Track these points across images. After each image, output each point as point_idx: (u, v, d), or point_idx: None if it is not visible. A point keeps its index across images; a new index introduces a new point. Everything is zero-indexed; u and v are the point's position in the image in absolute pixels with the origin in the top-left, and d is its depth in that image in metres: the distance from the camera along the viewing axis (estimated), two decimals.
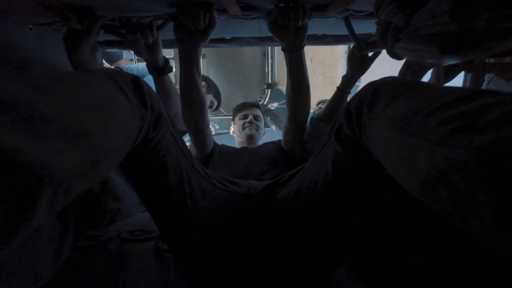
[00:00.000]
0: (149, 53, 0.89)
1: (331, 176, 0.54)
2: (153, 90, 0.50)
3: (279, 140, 1.16)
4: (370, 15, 0.87)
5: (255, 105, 1.35)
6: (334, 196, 0.55)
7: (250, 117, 1.27)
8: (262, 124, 1.31)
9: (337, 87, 1.04)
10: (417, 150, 0.31)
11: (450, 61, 0.47)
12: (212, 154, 1.05)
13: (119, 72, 0.45)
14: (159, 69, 0.93)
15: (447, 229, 0.46)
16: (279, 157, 1.05)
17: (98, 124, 0.32)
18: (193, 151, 1.08)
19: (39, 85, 0.29)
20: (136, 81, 0.46)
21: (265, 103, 2.28)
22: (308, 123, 1.06)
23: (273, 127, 2.22)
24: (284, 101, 1.03)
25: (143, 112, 0.44)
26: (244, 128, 1.25)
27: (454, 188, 0.26)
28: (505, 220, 0.22)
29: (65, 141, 0.27)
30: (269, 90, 2.21)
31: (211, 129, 2.40)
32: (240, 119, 1.29)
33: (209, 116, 2.17)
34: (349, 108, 0.47)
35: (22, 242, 0.25)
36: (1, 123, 0.22)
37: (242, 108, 1.33)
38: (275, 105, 2.35)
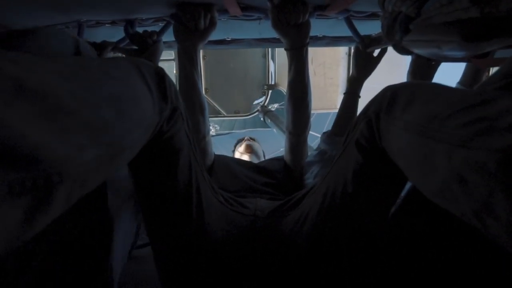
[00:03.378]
0: (142, 56, 0.88)
1: (351, 189, 0.49)
2: (174, 84, 0.48)
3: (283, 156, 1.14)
4: (370, 16, 0.88)
5: (250, 138, 1.60)
6: (353, 214, 0.50)
7: (246, 138, 1.52)
8: (257, 144, 1.52)
9: (345, 92, 1.00)
10: (435, 153, 0.30)
11: (472, 51, 0.43)
12: (213, 166, 0.98)
13: (145, 62, 0.44)
14: None
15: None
16: (280, 174, 0.99)
17: (119, 117, 0.32)
18: None
19: (66, 73, 0.29)
20: (160, 73, 0.44)
21: (265, 104, 2.28)
22: (320, 141, 1.01)
23: (274, 130, 2.23)
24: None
25: (163, 106, 0.43)
26: (242, 145, 1.45)
27: (472, 189, 0.26)
28: None
29: (86, 135, 0.27)
30: (270, 91, 2.21)
31: (212, 130, 2.40)
32: (238, 143, 1.53)
33: (209, 117, 2.18)
34: (368, 114, 0.45)
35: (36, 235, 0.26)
36: (28, 115, 0.22)
37: (239, 142, 1.56)
38: (275, 106, 2.35)
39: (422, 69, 0.89)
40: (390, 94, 0.43)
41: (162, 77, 0.44)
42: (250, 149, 1.38)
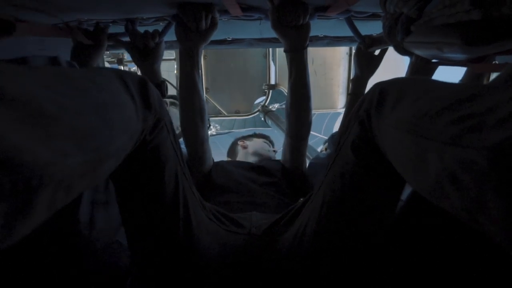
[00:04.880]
0: (147, 59, 0.88)
1: (350, 194, 0.47)
2: (158, 93, 0.49)
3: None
4: (371, 16, 0.87)
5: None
6: (354, 219, 0.48)
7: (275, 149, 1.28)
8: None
9: (349, 93, 1.00)
10: (426, 151, 0.30)
11: (473, 54, 0.43)
12: (211, 173, 0.94)
13: (128, 72, 0.45)
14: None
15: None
16: (279, 175, 0.96)
17: (104, 124, 0.32)
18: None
19: (48, 82, 0.29)
20: (142, 81, 0.45)
21: (266, 104, 2.28)
22: (327, 143, 1.00)
23: (275, 131, 2.22)
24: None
25: (147, 114, 0.43)
26: (268, 151, 1.25)
27: (464, 188, 0.26)
28: None
29: (70, 141, 0.27)
30: (270, 91, 2.21)
31: (212, 130, 2.40)
32: (265, 143, 1.29)
33: (209, 117, 2.18)
34: (359, 113, 0.45)
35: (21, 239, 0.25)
36: (8, 121, 0.22)
37: (266, 137, 1.36)
38: (276, 106, 2.35)
39: (420, 71, 0.89)
40: (379, 91, 0.42)
41: (145, 86, 0.44)
42: (265, 158, 1.18)
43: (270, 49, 2.11)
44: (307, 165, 1.04)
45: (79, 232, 0.59)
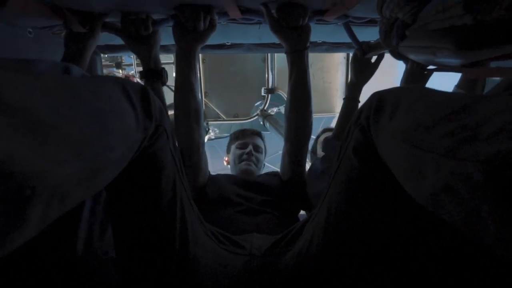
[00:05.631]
0: (142, 46, 0.85)
1: (358, 204, 0.46)
2: (159, 101, 0.48)
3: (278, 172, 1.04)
4: (369, 22, 0.88)
5: (256, 133, 1.17)
6: (363, 231, 0.46)
7: (250, 148, 1.09)
8: (262, 157, 1.14)
9: (344, 97, 1.00)
10: (422, 162, 0.31)
11: (466, 59, 0.43)
12: (206, 188, 0.89)
13: (129, 81, 0.44)
14: (150, 71, 0.87)
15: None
16: (277, 191, 0.91)
17: (102, 133, 0.32)
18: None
19: (48, 90, 0.29)
20: (144, 90, 0.45)
21: (265, 108, 2.29)
22: (322, 144, 0.98)
23: (274, 135, 2.23)
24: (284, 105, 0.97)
25: (147, 123, 0.42)
26: (241, 161, 1.07)
27: (460, 199, 0.26)
28: (510, 231, 0.23)
29: (66, 149, 0.27)
30: (269, 95, 2.22)
31: (211, 134, 2.38)
32: (237, 148, 1.11)
33: (208, 121, 2.18)
34: (360, 121, 0.44)
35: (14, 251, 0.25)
36: (3, 128, 0.22)
37: (242, 135, 1.15)
38: (275, 110, 2.36)
39: (415, 78, 0.89)
40: (377, 100, 0.42)
41: (147, 95, 0.44)
42: (248, 176, 1.04)
43: (269, 54, 2.12)
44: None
45: (78, 243, 0.56)
